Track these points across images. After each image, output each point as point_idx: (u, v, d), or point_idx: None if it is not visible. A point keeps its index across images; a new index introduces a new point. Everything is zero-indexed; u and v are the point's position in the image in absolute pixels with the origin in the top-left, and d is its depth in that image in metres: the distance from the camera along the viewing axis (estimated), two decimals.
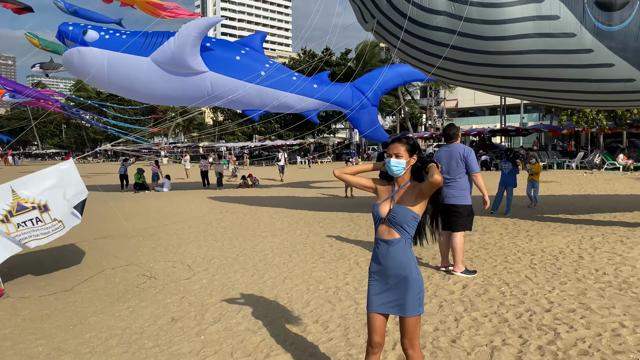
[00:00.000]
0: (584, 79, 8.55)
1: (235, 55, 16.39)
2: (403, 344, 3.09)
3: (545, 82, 8.89)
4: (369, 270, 3.15)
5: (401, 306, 3.02)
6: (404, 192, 3.10)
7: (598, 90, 8.80)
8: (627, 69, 8.18)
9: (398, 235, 3.04)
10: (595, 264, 6.81)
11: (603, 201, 13.50)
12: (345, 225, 10.82)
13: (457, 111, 66.64)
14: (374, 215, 3.16)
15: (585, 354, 3.97)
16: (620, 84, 8.48)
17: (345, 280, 6.41)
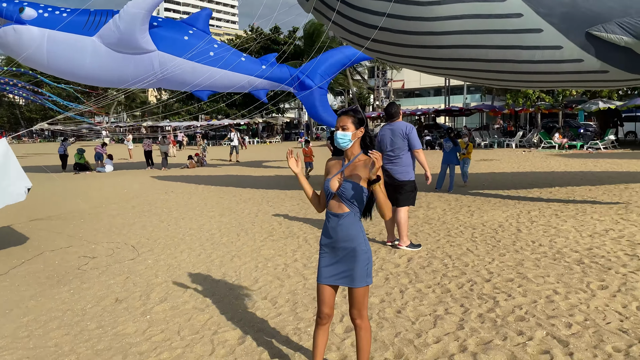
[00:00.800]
0: (515, 45, 8.50)
1: (184, 35, 15.95)
2: (352, 314, 3.14)
3: (477, 50, 8.82)
4: (320, 244, 3.18)
5: (350, 277, 3.06)
6: (354, 167, 3.10)
7: (529, 59, 8.66)
8: (555, 35, 8.23)
9: (347, 209, 3.07)
10: (532, 236, 7.15)
11: (540, 178, 14.14)
12: (295, 204, 10.83)
13: (403, 92, 67.66)
14: (325, 190, 3.17)
15: (522, 320, 4.18)
16: (549, 52, 8.46)
17: (294, 257, 6.44)
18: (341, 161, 3.18)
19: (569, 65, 8.59)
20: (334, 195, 3.10)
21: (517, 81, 9.78)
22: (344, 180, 3.08)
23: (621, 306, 4.40)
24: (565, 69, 8.73)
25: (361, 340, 3.15)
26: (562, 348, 3.63)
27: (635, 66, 8.44)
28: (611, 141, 24.89)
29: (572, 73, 8.83)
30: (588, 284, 4.98)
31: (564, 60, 8.49)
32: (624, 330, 3.88)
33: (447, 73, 10.12)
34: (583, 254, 6.13)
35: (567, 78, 9.17)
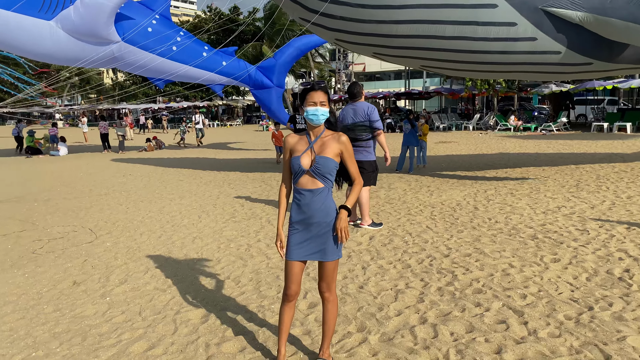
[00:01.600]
0: (471, 21, 8.48)
1: (148, 26, 15.55)
2: (321, 288, 3.16)
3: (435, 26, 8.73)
4: (290, 222, 3.12)
5: (323, 251, 3.07)
6: (322, 142, 3.08)
7: (484, 37, 8.62)
8: (509, 10, 8.25)
9: (322, 184, 3.06)
10: (489, 213, 7.36)
11: (496, 159, 14.53)
12: (257, 186, 10.78)
13: (364, 75, 67.88)
14: (295, 168, 3.08)
15: (479, 292, 4.32)
16: (504, 29, 8.44)
17: (257, 238, 6.43)
18: (304, 138, 3.13)
19: (523, 44, 8.63)
20: (306, 172, 3.06)
21: (473, 62, 9.52)
22: (316, 156, 3.05)
23: (572, 277, 4.60)
24: (519, 48, 8.73)
25: (328, 313, 3.18)
26: (517, 317, 3.77)
27: (586, 48, 8.61)
28: (563, 123, 25.75)
29: (525, 53, 8.85)
30: (542, 258, 5.18)
31: (518, 39, 8.52)
32: (575, 300, 4.07)
33: (403, 54, 9.94)
34: (537, 229, 6.36)
35: (521, 59, 9.08)
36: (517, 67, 9.52)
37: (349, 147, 3.09)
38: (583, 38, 8.47)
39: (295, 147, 3.14)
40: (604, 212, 7.19)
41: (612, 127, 23.62)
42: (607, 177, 10.33)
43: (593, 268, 4.82)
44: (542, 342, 3.37)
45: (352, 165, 3.12)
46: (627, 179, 10.03)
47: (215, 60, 17.09)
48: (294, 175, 3.09)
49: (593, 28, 8.19)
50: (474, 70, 10.00)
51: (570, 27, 8.31)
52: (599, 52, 8.71)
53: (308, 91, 3.07)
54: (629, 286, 4.32)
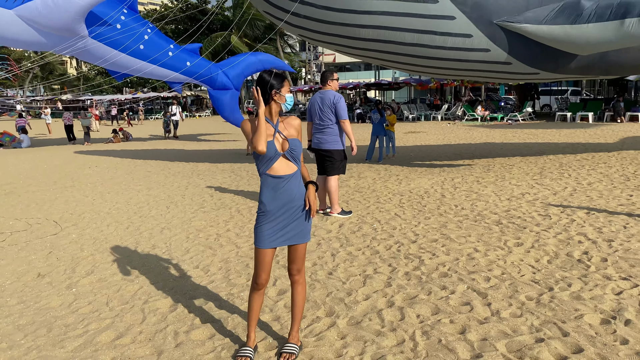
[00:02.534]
0: (430, 30, 8.82)
1: (117, 22, 15.22)
2: (292, 270, 3.21)
3: (395, 33, 9.01)
4: (263, 210, 3.07)
5: (299, 234, 3.12)
6: (285, 125, 3.15)
7: (441, 45, 9.04)
8: (466, 23, 8.66)
9: (296, 167, 3.12)
10: (455, 200, 7.51)
11: (463, 148, 14.78)
12: (226, 177, 10.72)
13: (335, 66, 67.88)
14: (270, 153, 3.04)
15: (445, 276, 4.42)
16: (460, 39, 8.90)
17: (226, 228, 6.41)
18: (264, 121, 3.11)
19: (477, 54, 9.14)
20: (279, 157, 3.06)
21: (430, 67, 9.99)
22: (288, 139, 3.09)
23: (534, 260, 4.75)
24: (474, 58, 9.26)
25: (298, 296, 3.22)
26: (481, 299, 3.88)
27: (533, 60, 9.12)
28: (528, 113, 26.33)
29: (479, 62, 9.38)
30: (505, 242, 5.33)
31: (473, 49, 9.02)
32: (536, 281, 4.21)
33: (366, 54, 10.21)
34: (501, 215, 6.53)
35: (475, 67, 9.61)
36: (471, 73, 10.12)
37: (301, 130, 3.24)
38: (532, 51, 8.96)
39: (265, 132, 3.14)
40: (566, 198, 7.41)
41: (575, 117, 24.28)
42: (569, 165, 10.64)
43: (554, 251, 4.98)
44: (505, 322, 3.48)
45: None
46: (588, 167, 10.35)
47: (180, 59, 16.89)
48: (267, 161, 3.04)
49: (542, 40, 8.65)
50: (432, 72, 10.59)
51: (521, 41, 8.78)
52: (545, 64, 9.27)
53: (283, 79, 3.12)
54: (587, 267, 4.49)
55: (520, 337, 3.26)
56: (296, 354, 3.16)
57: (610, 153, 12.41)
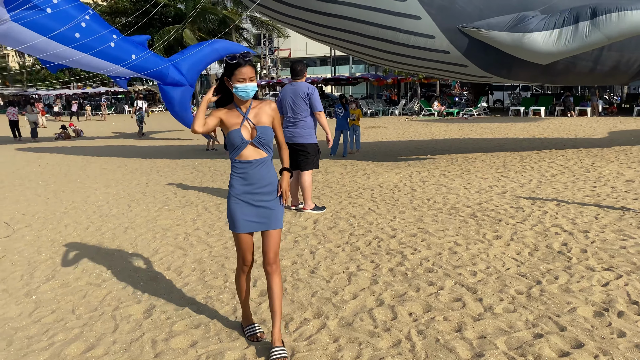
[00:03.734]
0: (394, 27, 8.88)
1: (47, 6, 13.87)
2: (268, 260, 3.08)
3: (360, 25, 9.00)
4: (234, 194, 3.08)
5: (271, 220, 3.09)
6: (256, 113, 3.11)
7: (404, 43, 9.12)
8: (430, 24, 8.79)
9: (265, 154, 3.11)
10: (426, 194, 7.46)
11: (424, 143, 14.88)
12: (188, 173, 10.33)
13: (290, 61, 67.37)
14: (236, 141, 3.04)
15: (431, 271, 4.31)
16: (422, 39, 9.01)
17: (195, 226, 6.11)
18: (234, 110, 3.10)
19: (437, 54, 9.30)
20: (248, 144, 3.06)
21: (391, 61, 10.15)
22: (257, 126, 3.06)
23: (515, 253, 4.71)
24: (433, 58, 9.42)
25: (276, 287, 3.09)
26: (471, 295, 3.79)
27: (487, 65, 9.44)
28: (483, 108, 26.90)
29: (438, 62, 9.57)
30: (484, 235, 5.29)
31: (434, 50, 9.17)
32: (522, 274, 4.16)
33: (330, 42, 10.19)
34: (475, 208, 6.51)
35: (433, 66, 9.85)
36: (429, 70, 10.45)
37: (278, 115, 3.20)
38: (488, 57, 9.21)
39: (230, 120, 3.09)
40: (533, 190, 7.49)
41: (528, 112, 24.97)
42: (529, 158, 10.84)
43: (533, 243, 4.97)
44: (499, 318, 3.39)
45: (280, 133, 3.24)
46: (547, 159, 10.57)
47: (125, 51, 15.28)
48: (236, 148, 3.06)
49: (502, 47, 8.91)
50: (392, 65, 10.76)
51: (479, 46, 8.98)
52: (499, 70, 9.62)
53: (235, 67, 3.00)
54: (569, 259, 4.48)
55: (518, 333, 3.17)
56: (287, 356, 2.97)
57: (565, 145, 12.76)
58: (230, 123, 3.08)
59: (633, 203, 6.50)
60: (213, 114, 3.14)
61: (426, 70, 10.42)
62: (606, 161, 10.12)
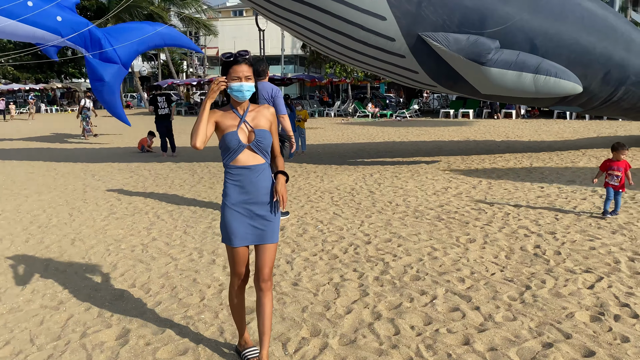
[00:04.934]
0: (357, 23, 8.74)
1: None
2: (262, 277, 2.85)
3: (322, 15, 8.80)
4: (230, 204, 2.80)
5: (267, 232, 2.85)
6: (254, 116, 2.87)
7: (364, 41, 9.02)
8: (394, 26, 8.74)
9: (263, 159, 2.85)
10: (386, 197, 7.39)
11: (366, 145, 14.95)
12: (127, 177, 9.67)
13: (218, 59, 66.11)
14: (232, 144, 2.78)
15: (418, 279, 4.19)
16: (383, 40, 8.96)
17: (151, 236, 5.64)
18: (230, 112, 2.85)
19: (393, 57, 9.29)
20: (246, 148, 2.80)
21: (345, 56, 10.01)
22: (256, 130, 2.81)
23: (493, 257, 4.70)
24: (389, 60, 9.41)
25: (266, 307, 2.88)
26: (467, 303, 3.70)
27: (437, 75, 9.60)
28: (415, 110, 27.59)
29: (392, 65, 9.59)
30: (457, 239, 5.26)
31: (392, 52, 9.14)
32: (509, 279, 4.13)
33: (290, 26, 9.86)
34: (438, 210, 6.50)
35: (386, 67, 9.85)
36: (380, 71, 10.40)
37: (276, 121, 2.98)
38: (439, 69, 9.31)
39: (223, 123, 2.83)
40: (487, 192, 7.63)
41: (457, 114, 25.89)
42: (471, 160, 11.12)
43: (507, 246, 4.99)
44: (503, 327, 3.31)
45: (276, 140, 2.98)
46: (488, 161, 10.90)
47: (48, 15, 13.60)
48: (231, 152, 2.80)
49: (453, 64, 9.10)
50: (344, 60, 10.49)
51: (434, 57, 9.04)
52: (444, 81, 9.82)
53: (230, 64, 2.77)
54: (547, 262, 4.53)
55: (527, 343, 3.10)
56: None
57: (500, 147, 13.27)
58: (225, 125, 2.82)
59: (583, 203, 6.77)
60: (212, 116, 2.83)
61: (377, 70, 10.37)
62: (542, 161, 10.58)
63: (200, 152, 13.35)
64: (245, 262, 2.90)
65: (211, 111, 2.82)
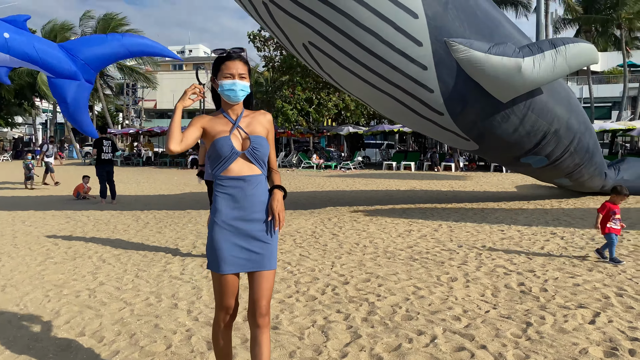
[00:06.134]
0: (389, 19, 7.01)
1: None
2: (260, 310, 2.41)
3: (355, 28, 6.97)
4: (218, 220, 2.40)
5: (267, 256, 2.43)
6: (249, 122, 2.52)
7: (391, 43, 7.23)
8: (423, 26, 7.25)
9: (260, 170, 2.48)
10: (351, 239, 7.05)
11: (317, 193, 14.70)
12: (62, 222, 8.81)
13: (155, 112, 65.26)
14: (224, 150, 2.41)
15: (410, 319, 3.82)
16: (410, 43, 7.31)
17: (97, 281, 4.96)
18: (221, 117, 2.51)
19: (414, 68, 7.62)
20: (239, 156, 2.44)
21: (362, 64, 7.63)
22: (251, 136, 2.46)
23: (480, 295, 4.43)
24: (408, 72, 7.67)
25: (265, 345, 2.43)
26: (470, 342, 3.36)
27: (450, 97, 8.04)
28: (359, 162, 27.90)
29: (409, 79, 7.75)
30: (438, 278, 4.96)
31: (414, 61, 7.54)
32: (507, 316, 3.85)
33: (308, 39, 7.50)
34: (408, 251, 6.23)
35: (402, 83, 7.87)
36: (394, 88, 8.05)
37: (273, 129, 2.61)
38: (454, 88, 7.94)
39: (213, 128, 2.47)
40: (450, 235, 7.47)
41: (400, 166, 26.37)
42: (425, 207, 11.07)
43: (491, 284, 4.75)
44: None
45: (273, 153, 2.62)
46: (440, 208, 10.89)
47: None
48: (222, 161, 2.43)
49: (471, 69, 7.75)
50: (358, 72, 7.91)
51: (452, 74, 7.78)
52: (454, 105, 8.23)
53: (223, 60, 2.48)
54: (537, 299, 4.30)
55: None
56: None
57: (447, 196, 13.40)
58: (216, 131, 2.45)
59: (548, 244, 6.72)
60: (193, 123, 2.48)
61: (390, 87, 8.05)
62: (493, 208, 10.68)
63: (143, 199, 12.62)
64: (235, 293, 2.47)
65: (198, 116, 2.48)
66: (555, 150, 9.52)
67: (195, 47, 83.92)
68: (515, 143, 9.15)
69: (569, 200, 11.97)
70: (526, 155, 9.60)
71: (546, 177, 11.34)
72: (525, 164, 10.16)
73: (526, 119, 8.71)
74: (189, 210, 10.26)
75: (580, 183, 11.15)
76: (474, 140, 9.07)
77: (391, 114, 9.10)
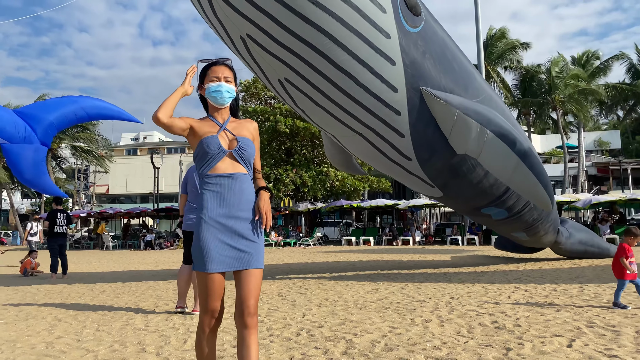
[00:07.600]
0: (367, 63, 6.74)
1: None
2: (247, 310, 2.36)
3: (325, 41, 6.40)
4: (205, 217, 2.40)
5: (254, 254, 2.42)
6: (235, 125, 2.61)
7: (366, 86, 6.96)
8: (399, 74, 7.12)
9: (245, 170, 2.53)
10: (319, 295, 6.92)
11: (278, 266, 14.49)
12: (11, 294, 8.29)
13: (107, 197, 63.88)
14: (212, 149, 2.47)
15: (391, 350, 3.73)
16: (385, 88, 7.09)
17: (55, 334, 4.65)
18: (208, 120, 2.59)
19: (388, 112, 7.42)
20: (225, 155, 2.50)
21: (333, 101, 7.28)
22: (239, 137, 2.54)
23: (456, 332, 4.38)
24: (382, 115, 7.44)
25: (253, 346, 2.36)
26: None
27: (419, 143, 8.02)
28: (318, 238, 27.84)
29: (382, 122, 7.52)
30: (412, 320, 4.91)
31: (389, 106, 7.32)
32: (486, 345, 3.82)
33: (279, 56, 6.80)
34: (379, 303, 6.15)
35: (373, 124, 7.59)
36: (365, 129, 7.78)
37: (259, 138, 2.70)
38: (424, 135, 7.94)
39: (200, 128, 2.54)
40: (418, 290, 7.45)
41: (359, 241, 26.47)
42: (388, 273, 11.09)
43: (465, 323, 4.73)
44: None
45: (258, 156, 2.67)
46: (404, 274, 10.91)
47: None
48: (209, 159, 2.47)
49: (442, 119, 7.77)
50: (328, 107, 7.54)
51: (423, 121, 7.73)
52: (422, 152, 8.21)
53: (209, 67, 2.61)
54: (511, 332, 4.30)
55: None
56: None
57: (409, 263, 13.48)
58: (203, 131, 2.52)
59: (514, 294, 6.80)
60: (182, 118, 2.53)
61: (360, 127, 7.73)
62: (455, 272, 10.79)
63: (97, 275, 12.08)
64: (221, 295, 2.42)
65: (186, 117, 2.53)
66: (517, 204, 9.89)
67: (150, 134, 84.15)
68: (478, 194, 9.41)
69: (526, 265, 12.26)
70: (487, 206, 9.91)
71: (504, 229, 11.57)
72: (486, 215, 10.41)
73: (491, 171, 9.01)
74: (147, 282, 9.86)
75: (537, 238, 11.46)
76: (439, 187, 9.33)
77: (362, 155, 9.21)
